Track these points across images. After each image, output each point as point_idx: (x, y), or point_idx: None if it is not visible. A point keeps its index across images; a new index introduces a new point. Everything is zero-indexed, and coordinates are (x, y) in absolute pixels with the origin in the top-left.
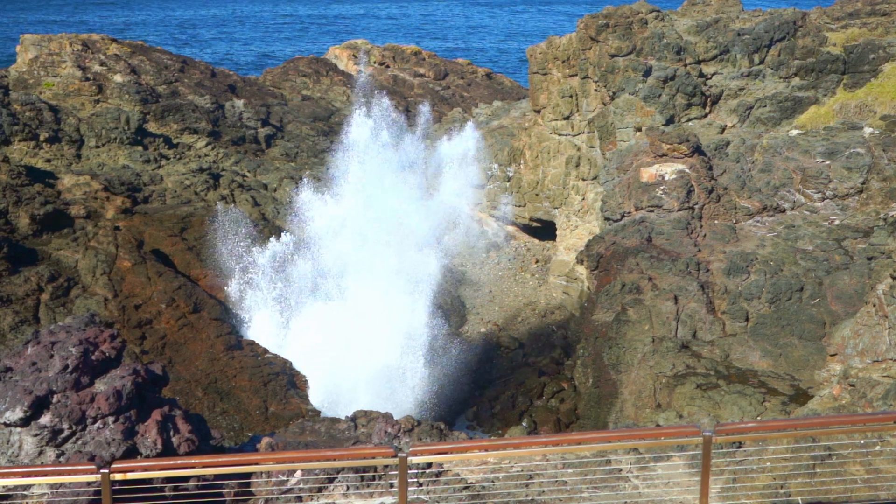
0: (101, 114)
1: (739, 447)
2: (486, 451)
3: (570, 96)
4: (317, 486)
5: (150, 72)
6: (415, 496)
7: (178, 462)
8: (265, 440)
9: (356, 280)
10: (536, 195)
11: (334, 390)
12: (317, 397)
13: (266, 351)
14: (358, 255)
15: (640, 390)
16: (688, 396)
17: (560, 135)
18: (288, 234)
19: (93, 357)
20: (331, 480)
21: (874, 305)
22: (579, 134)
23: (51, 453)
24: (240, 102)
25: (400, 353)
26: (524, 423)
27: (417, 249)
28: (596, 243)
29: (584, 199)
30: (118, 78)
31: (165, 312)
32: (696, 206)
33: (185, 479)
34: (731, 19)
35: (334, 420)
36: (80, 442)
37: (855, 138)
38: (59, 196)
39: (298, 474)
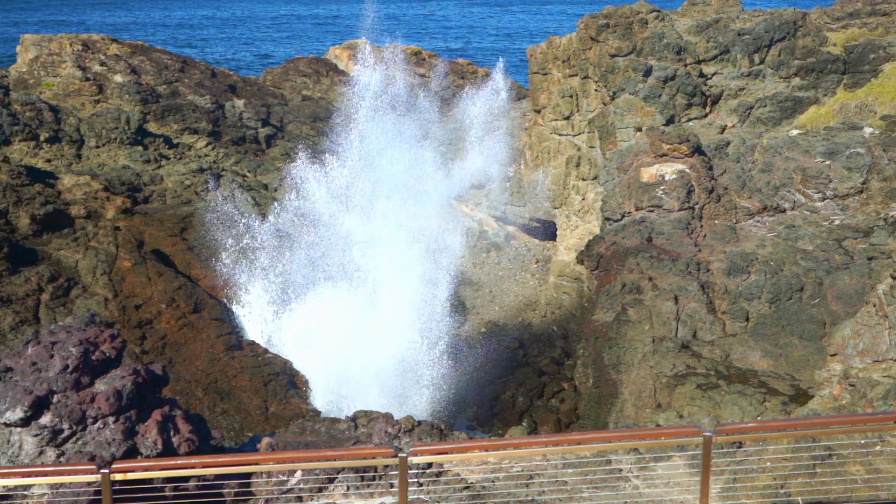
0: (101, 114)
1: (740, 447)
2: (487, 451)
3: (571, 96)
4: (317, 486)
5: (150, 72)
6: (415, 496)
7: (179, 462)
8: (265, 440)
9: (365, 256)
10: (537, 195)
11: (339, 386)
12: (322, 396)
13: (266, 351)
14: (366, 227)
15: (641, 390)
16: (688, 396)
17: (560, 135)
18: (293, 195)
19: (93, 357)
20: (331, 480)
21: (874, 305)
22: (579, 134)
23: (51, 453)
24: (240, 102)
25: (417, 344)
26: (524, 423)
27: (437, 217)
28: (596, 243)
29: (584, 199)
30: (118, 78)
31: (165, 312)
32: (697, 206)
33: (186, 479)
34: (732, 19)
35: (334, 420)
36: (80, 442)
37: (855, 138)
38: (60, 196)
39: (299, 474)
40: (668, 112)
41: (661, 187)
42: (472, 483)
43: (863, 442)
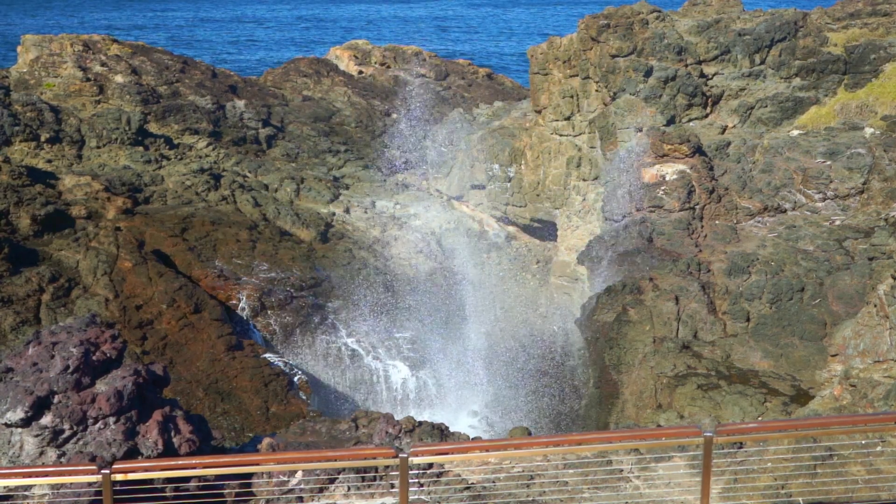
0: (101, 114)
1: (740, 448)
2: (487, 451)
3: (571, 97)
4: (318, 486)
5: (150, 72)
6: (416, 497)
7: (180, 462)
8: (266, 441)
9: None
10: (537, 196)
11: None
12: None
13: (266, 351)
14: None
15: (641, 391)
16: (689, 397)
17: (561, 135)
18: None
19: (94, 357)
20: (332, 481)
21: (875, 306)
22: (580, 134)
23: (52, 454)
24: (241, 103)
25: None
26: (525, 424)
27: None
28: (597, 244)
29: (584, 199)
30: (119, 78)
31: (166, 313)
32: (697, 207)
33: (187, 479)
34: (732, 19)
35: (335, 420)
36: (81, 442)
37: (856, 138)
38: (60, 197)
39: (299, 475)
40: (668, 112)
41: (662, 188)
42: (472, 483)
43: (864, 442)
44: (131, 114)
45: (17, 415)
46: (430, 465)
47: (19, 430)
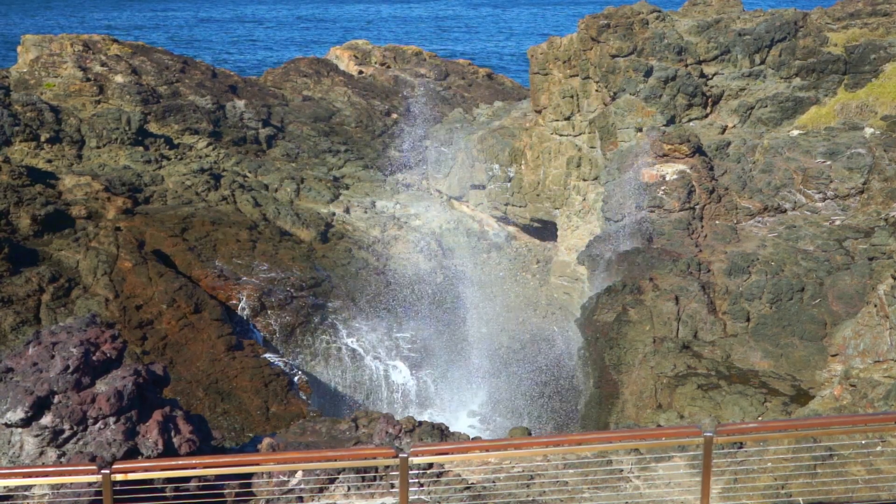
0: (101, 114)
1: (740, 448)
2: (487, 451)
3: (571, 97)
4: (318, 486)
5: (150, 72)
6: (416, 497)
7: (180, 462)
8: (266, 441)
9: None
10: (537, 195)
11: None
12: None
13: (266, 351)
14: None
15: (641, 391)
16: (689, 397)
17: (561, 135)
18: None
19: (94, 357)
20: (332, 481)
21: (875, 306)
22: (580, 134)
23: (52, 454)
24: (241, 103)
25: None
26: (525, 424)
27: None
28: (597, 244)
29: (584, 199)
30: (119, 78)
31: (166, 313)
32: (697, 207)
33: (187, 479)
34: (732, 20)
35: (335, 420)
36: (81, 442)
37: (856, 138)
38: (60, 197)
39: (299, 475)
40: (668, 112)
41: (662, 188)
42: (472, 483)
43: (864, 442)
44: (131, 114)
45: (17, 415)
46: (430, 465)
47: (19, 430)
